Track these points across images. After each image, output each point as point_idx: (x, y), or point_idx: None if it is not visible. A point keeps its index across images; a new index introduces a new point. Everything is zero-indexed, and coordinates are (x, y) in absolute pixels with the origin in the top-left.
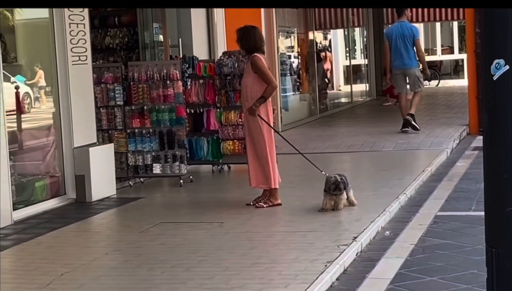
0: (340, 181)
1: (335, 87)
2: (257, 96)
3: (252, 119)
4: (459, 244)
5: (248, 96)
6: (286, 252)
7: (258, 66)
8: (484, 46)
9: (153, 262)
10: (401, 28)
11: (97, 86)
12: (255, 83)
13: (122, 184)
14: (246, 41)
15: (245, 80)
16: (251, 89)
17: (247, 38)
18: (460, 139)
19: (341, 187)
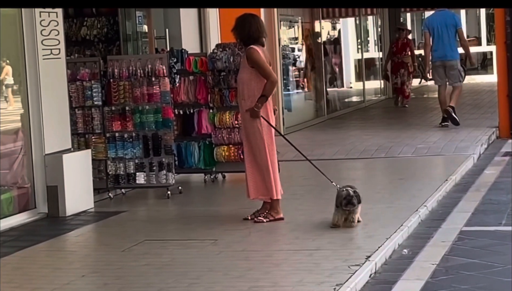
0: (353, 194)
1: (345, 85)
2: (255, 94)
3: (250, 121)
4: (487, 263)
5: (244, 94)
6: (289, 273)
7: (254, 59)
8: None
9: (136, 285)
10: (444, 17)
11: (71, 84)
12: (252, 79)
13: (101, 196)
14: (241, 31)
15: (241, 76)
16: (248, 86)
17: (242, 27)
18: (489, 144)
19: (354, 202)
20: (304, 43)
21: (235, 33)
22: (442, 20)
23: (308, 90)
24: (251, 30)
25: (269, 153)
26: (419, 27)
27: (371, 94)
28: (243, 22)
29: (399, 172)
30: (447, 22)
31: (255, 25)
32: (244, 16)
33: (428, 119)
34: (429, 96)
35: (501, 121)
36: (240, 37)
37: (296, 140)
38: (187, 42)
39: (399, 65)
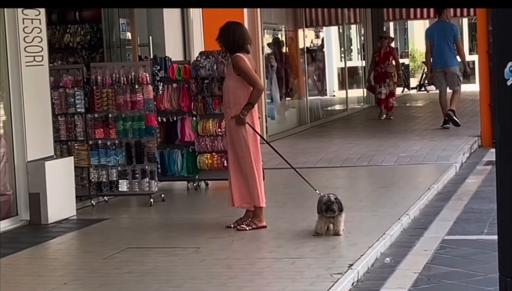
0: (333, 200)
1: (328, 93)
2: (241, 102)
3: (236, 129)
4: (469, 272)
5: (230, 102)
6: (272, 281)
7: (240, 66)
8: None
9: None
10: (444, 28)
11: (54, 91)
12: (238, 87)
13: (83, 203)
14: (225, 38)
15: (227, 84)
16: (234, 94)
17: (226, 35)
18: (471, 153)
19: (334, 208)
20: (288, 51)
21: (220, 42)
22: (442, 30)
23: (292, 98)
24: (235, 37)
25: (254, 160)
26: (402, 36)
27: (354, 102)
28: (227, 30)
29: (381, 181)
30: (447, 32)
31: (239, 32)
32: (228, 24)
33: (410, 128)
34: (412, 105)
35: (483, 131)
36: (225, 45)
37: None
38: (171, 49)
39: (383, 75)
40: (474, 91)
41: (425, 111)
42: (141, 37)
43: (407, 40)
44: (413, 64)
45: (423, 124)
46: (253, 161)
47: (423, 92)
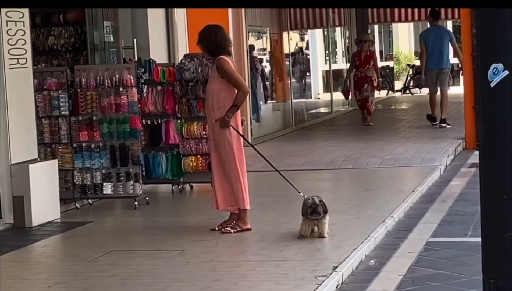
0: (318, 203)
1: (313, 96)
2: (225, 104)
3: (220, 132)
4: (454, 274)
5: (214, 105)
6: (256, 284)
7: (224, 69)
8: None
9: None
10: (439, 32)
11: (38, 93)
12: (222, 89)
13: (68, 206)
14: (207, 42)
15: (211, 86)
16: (218, 97)
17: (208, 38)
18: (455, 155)
19: (320, 210)
20: (273, 54)
21: (202, 45)
22: (437, 34)
23: (277, 101)
24: (217, 40)
25: (238, 162)
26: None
27: (338, 105)
28: (208, 33)
29: (366, 183)
30: (442, 36)
31: (220, 34)
32: (208, 27)
33: (395, 130)
34: (396, 108)
35: (468, 133)
36: (207, 48)
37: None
38: (155, 52)
39: (363, 80)
40: (459, 93)
41: (409, 114)
42: (126, 39)
43: (391, 42)
44: (398, 67)
45: (407, 127)
46: (237, 163)
47: (407, 95)
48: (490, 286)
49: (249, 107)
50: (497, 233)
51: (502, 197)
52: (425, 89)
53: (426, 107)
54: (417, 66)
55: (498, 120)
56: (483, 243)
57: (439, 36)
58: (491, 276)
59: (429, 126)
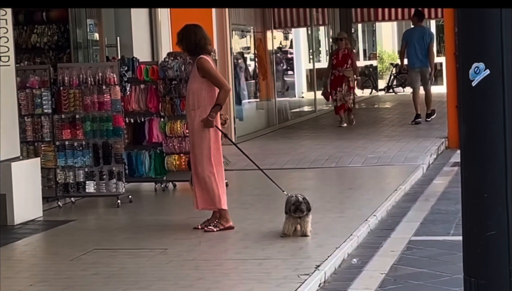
0: (302, 201)
1: (297, 94)
2: (206, 104)
3: (199, 131)
4: (436, 273)
5: (195, 104)
6: (239, 282)
7: (205, 69)
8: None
9: None
10: (422, 33)
11: (21, 91)
12: (203, 89)
13: (50, 204)
14: (187, 41)
15: (191, 86)
16: (199, 96)
17: (188, 37)
18: (438, 154)
19: (303, 208)
20: (257, 53)
21: (181, 46)
22: (420, 34)
23: (260, 100)
24: (197, 39)
25: (214, 162)
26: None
27: (322, 104)
28: (187, 33)
29: (349, 182)
30: (424, 37)
31: (199, 33)
32: (187, 27)
33: (378, 129)
34: (380, 107)
35: (450, 132)
36: (187, 48)
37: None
38: (139, 50)
39: (340, 80)
40: (442, 93)
41: (393, 113)
42: (109, 37)
43: (375, 41)
44: (381, 66)
45: (390, 126)
46: (213, 163)
47: (391, 93)
48: (471, 285)
49: (233, 106)
50: (478, 231)
51: (484, 196)
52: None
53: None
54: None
55: (480, 120)
56: (464, 241)
57: (421, 36)
58: (472, 275)
59: (412, 125)
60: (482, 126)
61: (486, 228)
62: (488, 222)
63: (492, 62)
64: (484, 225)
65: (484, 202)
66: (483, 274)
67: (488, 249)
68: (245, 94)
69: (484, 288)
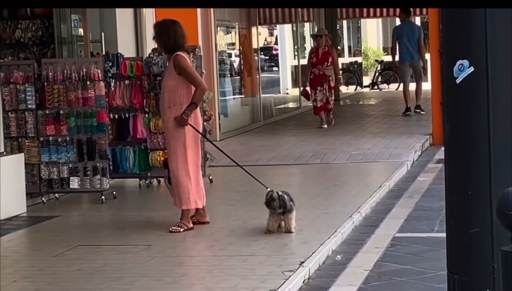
0: (275, 197)
1: (281, 91)
2: (181, 101)
3: (173, 129)
4: (419, 269)
5: (170, 102)
6: (223, 279)
7: (182, 66)
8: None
9: None
10: (412, 27)
11: (5, 87)
12: (179, 86)
13: (34, 200)
14: (166, 38)
15: (167, 83)
16: (175, 94)
17: (167, 34)
18: (422, 151)
19: (274, 205)
20: (241, 49)
21: (159, 41)
22: (410, 30)
23: (245, 96)
24: (176, 37)
25: (190, 162)
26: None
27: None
28: (167, 30)
29: (333, 178)
30: (414, 32)
31: (179, 31)
32: (166, 24)
33: (363, 126)
34: (365, 103)
35: (435, 129)
36: (165, 45)
37: (232, 145)
38: (123, 46)
39: (320, 79)
40: (426, 89)
41: (377, 110)
42: (93, 33)
43: (360, 38)
44: (366, 63)
45: (375, 123)
46: (188, 162)
47: (376, 90)
48: (455, 282)
49: (217, 102)
50: (461, 228)
51: (467, 193)
52: (393, 85)
53: (393, 103)
54: (385, 62)
55: (464, 117)
56: (447, 238)
57: (411, 31)
58: (455, 272)
59: (396, 122)
60: (466, 123)
61: (469, 225)
62: (472, 219)
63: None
64: (467, 222)
65: (468, 199)
66: (466, 271)
67: (472, 246)
68: (230, 91)
69: (467, 285)
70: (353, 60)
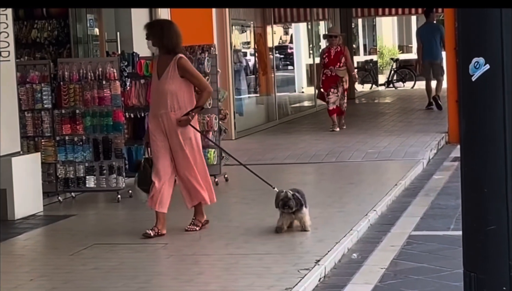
0: (290, 197)
1: (297, 89)
2: (186, 105)
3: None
4: (435, 267)
5: (174, 105)
6: (239, 277)
7: (188, 69)
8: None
9: (85, 289)
10: (431, 28)
11: (21, 86)
12: (181, 90)
13: (50, 199)
14: (168, 38)
15: (169, 87)
16: (178, 98)
17: (168, 34)
18: (438, 149)
19: (291, 204)
20: (257, 48)
21: (158, 40)
22: (431, 30)
23: (260, 95)
24: (177, 38)
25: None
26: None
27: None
28: (167, 29)
29: (349, 177)
30: (434, 32)
31: (178, 32)
32: (165, 23)
33: (378, 124)
34: (380, 102)
35: (451, 127)
36: (166, 45)
37: (247, 144)
38: (138, 45)
39: (332, 80)
40: (442, 88)
41: (393, 108)
42: (109, 32)
43: (375, 36)
44: (382, 61)
45: (391, 121)
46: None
47: (391, 88)
48: (471, 280)
49: (233, 101)
50: (478, 226)
51: (483, 191)
52: (408, 83)
53: (409, 101)
54: (401, 60)
55: (479, 114)
56: (464, 236)
57: (430, 32)
58: (472, 270)
59: (412, 120)
60: (482, 121)
61: (486, 223)
62: (488, 217)
63: (492, 57)
64: (484, 220)
65: (484, 197)
66: (482, 268)
67: (488, 243)
68: (245, 90)
69: (483, 283)
70: (368, 59)
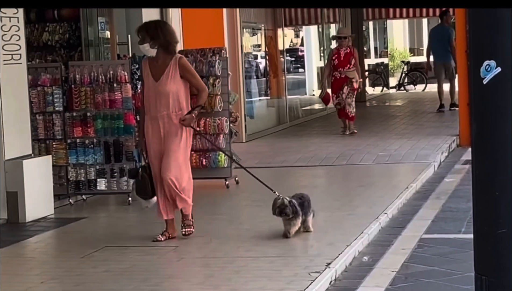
0: (287, 203)
1: (307, 92)
2: (184, 106)
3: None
4: (447, 271)
5: (176, 107)
6: (250, 280)
7: (189, 69)
8: (473, 46)
9: None
10: (443, 31)
11: (32, 89)
12: (181, 90)
13: (62, 202)
14: (166, 37)
15: (170, 87)
16: (180, 98)
17: (166, 33)
18: (449, 152)
19: (287, 212)
20: (267, 50)
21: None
22: (442, 33)
23: (271, 97)
24: (175, 38)
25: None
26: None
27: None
28: (164, 28)
29: (360, 180)
30: (445, 34)
31: (173, 30)
32: (161, 22)
33: (389, 127)
34: (391, 104)
35: (462, 130)
36: (165, 44)
37: (258, 147)
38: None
39: (341, 81)
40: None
41: (404, 111)
42: (120, 35)
43: (386, 39)
44: (392, 64)
45: (401, 124)
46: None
47: (402, 91)
48: (482, 283)
49: (243, 104)
50: (489, 229)
51: (494, 194)
52: (419, 86)
53: (420, 104)
54: (412, 63)
55: (491, 117)
56: (475, 239)
57: (442, 34)
58: (483, 273)
59: (423, 123)
60: (493, 124)
61: (497, 226)
62: (499, 220)
63: (503, 60)
64: (495, 223)
65: (495, 200)
66: (494, 272)
67: (499, 246)
68: (256, 92)
69: (495, 286)
70: (379, 61)
